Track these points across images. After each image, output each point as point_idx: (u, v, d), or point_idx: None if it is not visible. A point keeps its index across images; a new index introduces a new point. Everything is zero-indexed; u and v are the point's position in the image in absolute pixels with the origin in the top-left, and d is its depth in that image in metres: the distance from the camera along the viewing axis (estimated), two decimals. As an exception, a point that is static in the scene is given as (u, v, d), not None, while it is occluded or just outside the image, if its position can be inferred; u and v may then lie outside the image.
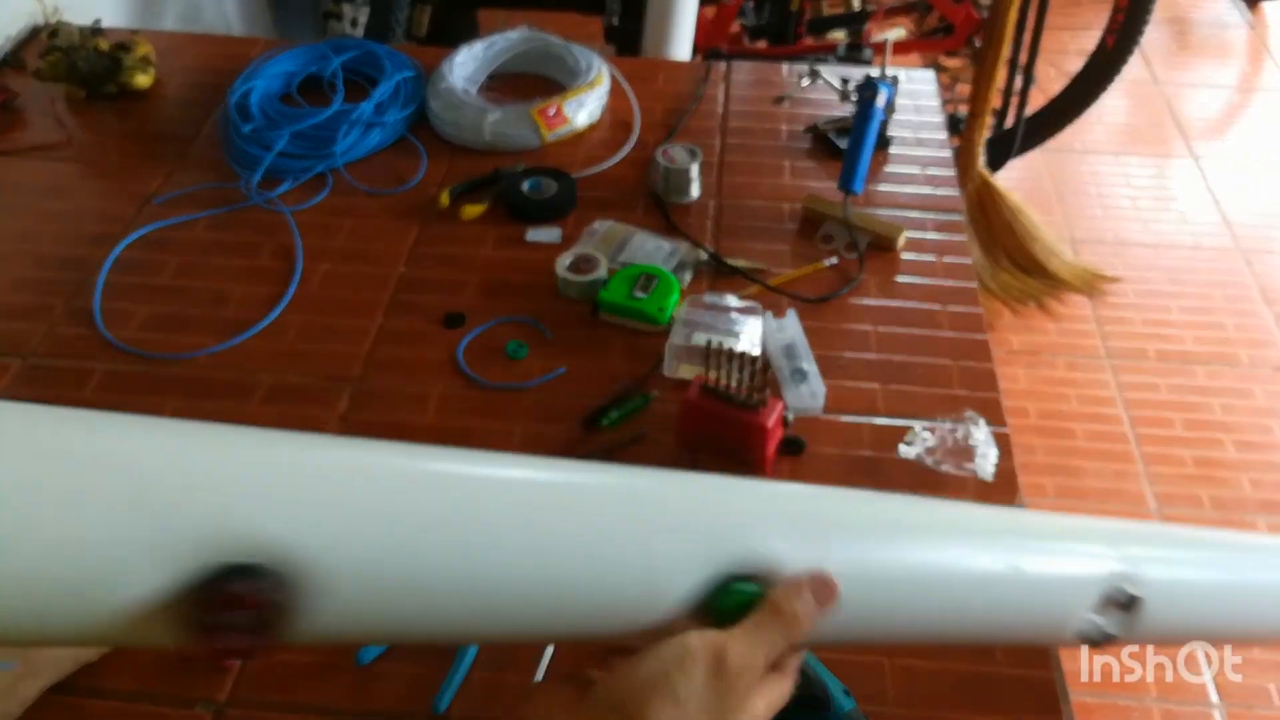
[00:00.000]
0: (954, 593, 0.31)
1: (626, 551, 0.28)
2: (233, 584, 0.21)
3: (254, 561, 0.22)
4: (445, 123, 0.92)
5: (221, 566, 0.21)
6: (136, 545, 0.21)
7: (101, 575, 0.21)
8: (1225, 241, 1.86)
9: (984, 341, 0.74)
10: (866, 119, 0.84)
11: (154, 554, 0.21)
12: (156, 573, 0.21)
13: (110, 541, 0.21)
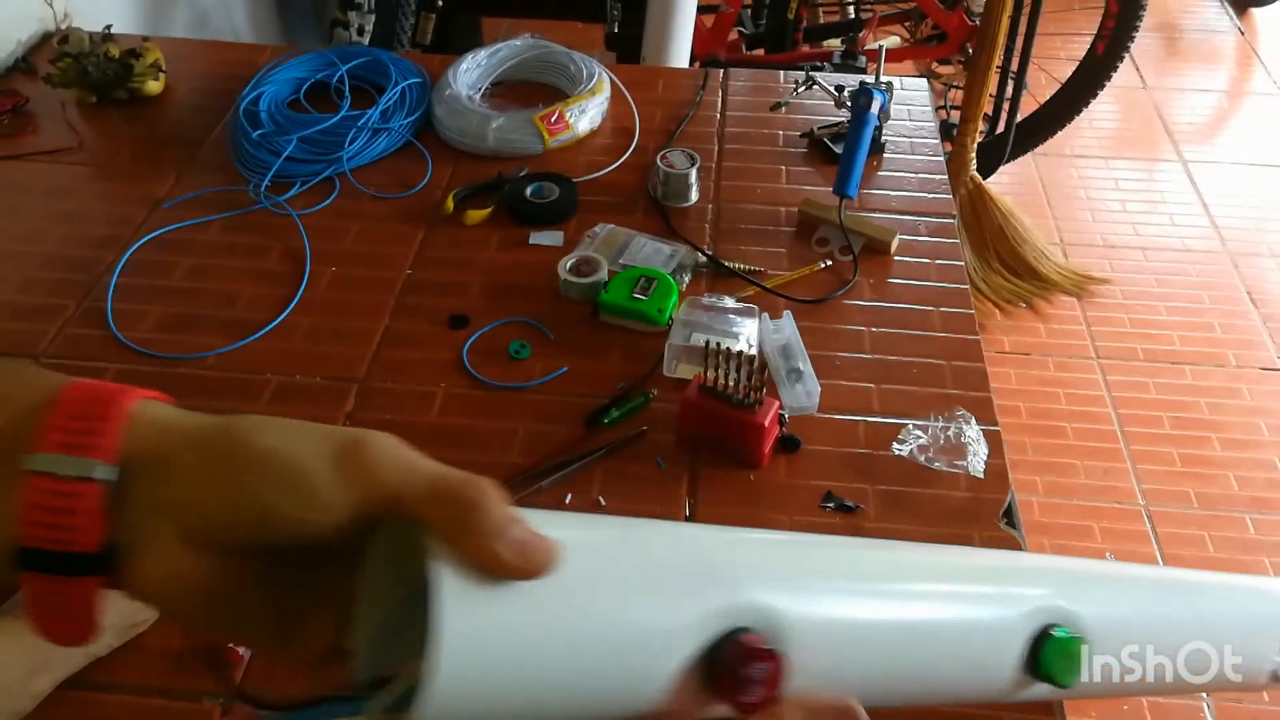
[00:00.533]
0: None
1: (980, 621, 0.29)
2: (745, 641, 0.24)
3: (747, 625, 0.25)
4: (450, 129, 0.94)
5: (729, 630, 0.24)
6: (683, 620, 0.24)
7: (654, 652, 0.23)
8: (1213, 244, 1.88)
9: (976, 342, 0.76)
10: (861, 125, 0.86)
11: (696, 626, 0.24)
12: (693, 642, 0.24)
13: (662, 621, 0.24)
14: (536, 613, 0.22)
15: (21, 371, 0.25)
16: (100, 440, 0.22)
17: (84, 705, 0.53)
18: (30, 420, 0.23)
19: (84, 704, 0.53)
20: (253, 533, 0.23)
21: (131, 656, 0.54)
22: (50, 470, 0.22)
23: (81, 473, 0.22)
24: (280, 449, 0.23)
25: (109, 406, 0.23)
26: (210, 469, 0.23)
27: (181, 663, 0.54)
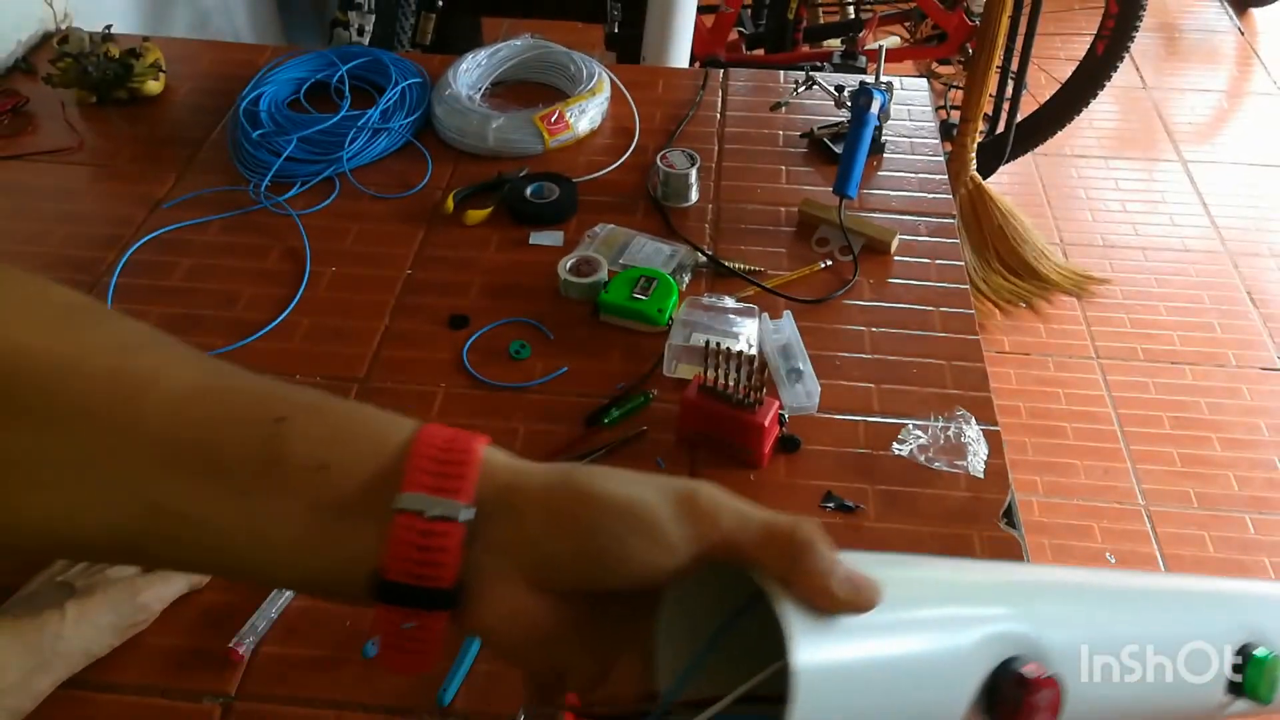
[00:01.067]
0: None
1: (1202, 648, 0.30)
2: (1028, 670, 0.25)
3: (1020, 654, 0.26)
4: (450, 129, 0.94)
5: (1006, 660, 0.26)
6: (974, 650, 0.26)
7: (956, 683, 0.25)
8: (1213, 244, 1.89)
9: (976, 342, 0.76)
10: (861, 125, 0.86)
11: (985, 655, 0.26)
12: (982, 671, 0.26)
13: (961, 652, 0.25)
14: (868, 647, 0.24)
15: (367, 412, 0.27)
16: (462, 484, 0.24)
17: (84, 705, 0.53)
18: (397, 461, 0.25)
19: (84, 704, 0.53)
20: (594, 575, 0.25)
21: (131, 656, 0.54)
22: (420, 510, 0.24)
23: (449, 513, 0.24)
24: (632, 497, 0.25)
25: (467, 453, 0.25)
26: (559, 515, 0.25)
27: (179, 662, 0.55)
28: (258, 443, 0.25)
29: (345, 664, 0.55)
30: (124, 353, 0.26)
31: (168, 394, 0.25)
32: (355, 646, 0.55)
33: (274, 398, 0.26)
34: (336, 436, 0.26)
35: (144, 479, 0.25)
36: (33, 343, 0.25)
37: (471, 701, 0.53)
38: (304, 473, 0.25)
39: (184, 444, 0.25)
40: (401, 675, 0.27)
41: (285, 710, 0.53)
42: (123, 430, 0.25)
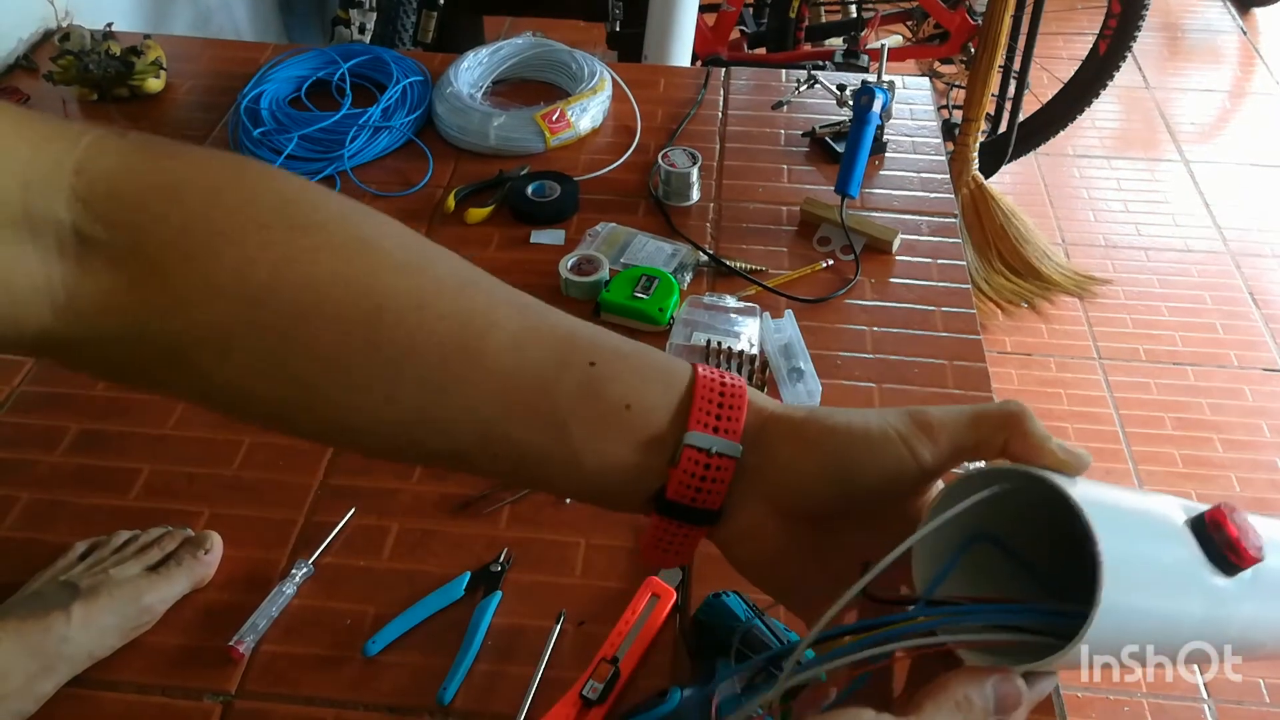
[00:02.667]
0: None
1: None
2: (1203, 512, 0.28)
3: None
4: (451, 127, 0.94)
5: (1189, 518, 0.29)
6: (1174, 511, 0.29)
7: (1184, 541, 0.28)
8: (1215, 244, 1.88)
9: (977, 342, 0.76)
10: (863, 124, 0.85)
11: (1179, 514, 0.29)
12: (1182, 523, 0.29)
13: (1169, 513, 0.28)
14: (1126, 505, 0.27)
15: (654, 356, 0.32)
16: (736, 425, 0.30)
17: (85, 704, 0.53)
18: (684, 403, 0.30)
19: (85, 702, 0.53)
20: (838, 493, 0.29)
21: (133, 656, 0.55)
22: (705, 448, 0.29)
23: (727, 451, 0.29)
24: (869, 423, 0.29)
25: (738, 398, 0.30)
26: (807, 444, 0.29)
27: (181, 661, 0.55)
28: (578, 384, 0.30)
29: (345, 663, 0.55)
30: (463, 291, 0.30)
31: (503, 337, 0.30)
32: (355, 645, 0.55)
33: (584, 342, 0.31)
34: (636, 379, 0.31)
35: (484, 408, 0.29)
36: (397, 283, 0.29)
37: (471, 701, 0.53)
38: (613, 411, 0.30)
39: (518, 382, 0.29)
40: (655, 567, 0.33)
41: (285, 709, 0.53)
42: (468, 365, 0.29)
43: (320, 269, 0.28)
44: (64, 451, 0.66)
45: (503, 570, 0.59)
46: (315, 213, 0.29)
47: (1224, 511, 0.28)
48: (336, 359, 0.28)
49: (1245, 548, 0.27)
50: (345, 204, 0.30)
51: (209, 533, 0.59)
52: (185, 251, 0.27)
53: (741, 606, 0.52)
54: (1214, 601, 0.28)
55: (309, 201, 0.29)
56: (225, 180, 0.29)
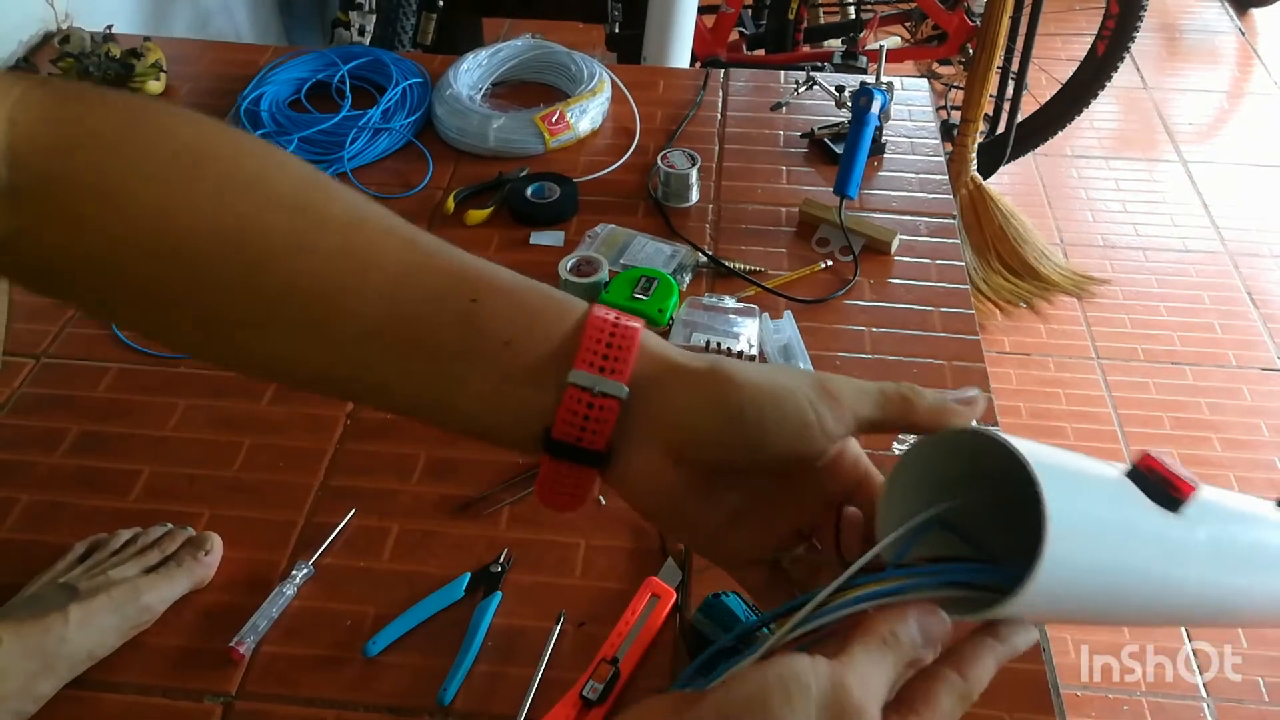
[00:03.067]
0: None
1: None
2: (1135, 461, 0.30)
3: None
4: (451, 129, 0.94)
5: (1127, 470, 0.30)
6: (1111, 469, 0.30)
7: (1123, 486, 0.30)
8: (1214, 245, 1.89)
9: (976, 342, 0.76)
10: (862, 125, 0.86)
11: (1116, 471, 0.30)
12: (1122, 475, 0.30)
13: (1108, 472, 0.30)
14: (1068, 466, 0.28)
15: (545, 292, 0.32)
16: (623, 366, 0.29)
17: (85, 705, 0.53)
18: (571, 341, 0.30)
19: (85, 704, 0.53)
20: (740, 453, 0.30)
21: (133, 657, 0.55)
22: (588, 386, 0.29)
23: (612, 392, 0.29)
24: (776, 383, 0.29)
25: (629, 339, 0.30)
26: (706, 397, 0.29)
27: (181, 662, 0.55)
28: (455, 320, 0.30)
29: (345, 664, 0.55)
30: (350, 228, 0.31)
31: (387, 270, 0.30)
32: (355, 646, 0.55)
33: (470, 278, 0.31)
34: (520, 316, 0.31)
35: (364, 344, 0.30)
36: (281, 222, 0.30)
37: (472, 702, 0.53)
38: (493, 347, 0.30)
39: (397, 318, 0.30)
40: (556, 511, 0.32)
41: (286, 710, 0.53)
42: (347, 303, 0.30)
43: (208, 214, 0.29)
44: (64, 453, 0.66)
45: (503, 571, 0.59)
46: (206, 158, 0.30)
47: (1153, 456, 0.29)
48: (219, 302, 0.30)
49: (1182, 481, 0.29)
50: (241, 142, 0.31)
51: (209, 533, 0.59)
52: (85, 201, 0.29)
53: (741, 607, 0.52)
54: (1167, 538, 0.29)
55: (203, 144, 0.30)
56: (127, 131, 0.30)
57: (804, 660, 0.25)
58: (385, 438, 0.68)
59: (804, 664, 0.25)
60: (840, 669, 0.25)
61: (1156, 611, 0.30)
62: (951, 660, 0.28)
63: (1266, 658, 1.20)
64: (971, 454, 0.29)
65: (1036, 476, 0.25)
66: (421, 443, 0.67)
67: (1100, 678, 1.09)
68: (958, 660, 0.28)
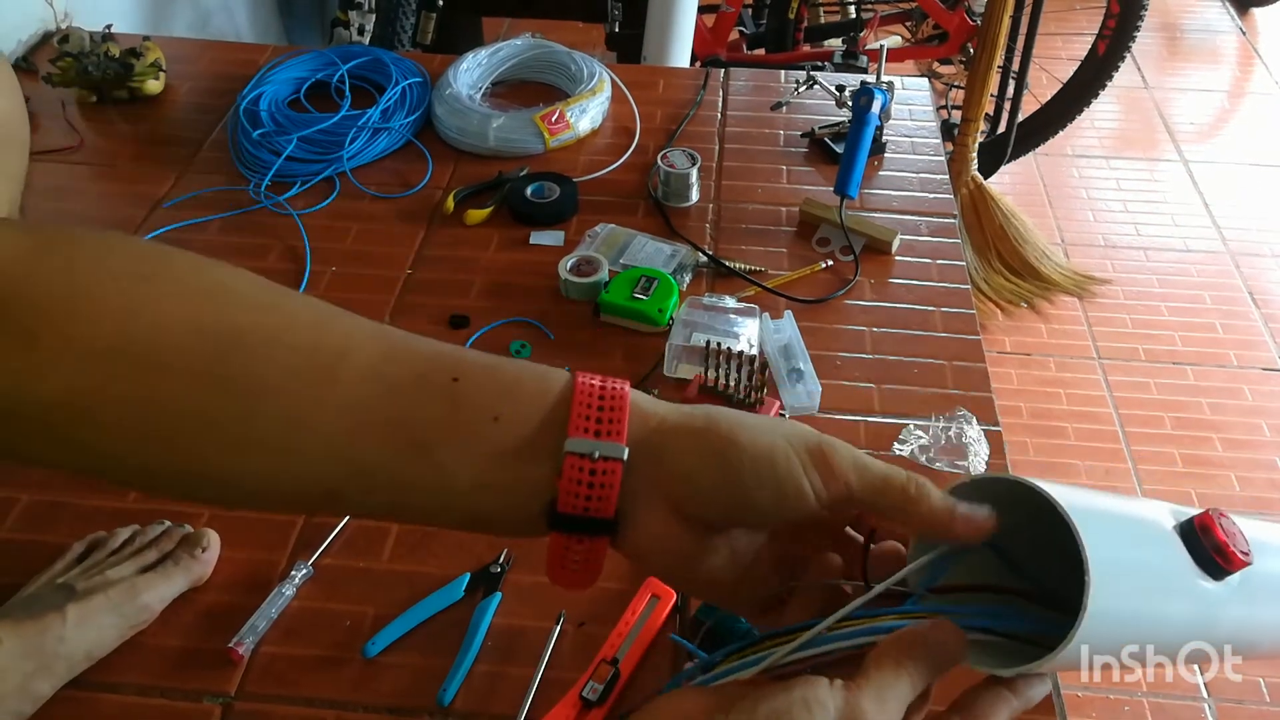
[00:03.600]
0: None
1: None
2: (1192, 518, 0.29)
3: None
4: (450, 128, 0.94)
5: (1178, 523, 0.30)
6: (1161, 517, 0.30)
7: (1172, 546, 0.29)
8: (1215, 244, 1.88)
9: (977, 342, 0.76)
10: (862, 124, 0.85)
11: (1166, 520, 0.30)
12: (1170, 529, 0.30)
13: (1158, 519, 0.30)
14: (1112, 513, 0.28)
15: (527, 367, 0.30)
16: (619, 427, 0.29)
17: (84, 705, 0.53)
18: (561, 409, 0.29)
19: (84, 704, 0.53)
20: (732, 514, 0.30)
21: (132, 656, 0.55)
22: (588, 452, 0.28)
23: (613, 454, 0.28)
24: (772, 446, 0.29)
25: (619, 399, 0.29)
26: (704, 454, 0.29)
27: (180, 663, 0.55)
28: (438, 401, 0.29)
29: (345, 664, 0.55)
30: (319, 325, 0.30)
31: (360, 362, 0.29)
32: (355, 646, 0.55)
33: (448, 360, 0.30)
34: (505, 390, 0.29)
35: (344, 438, 0.28)
36: (248, 320, 0.29)
37: (471, 703, 0.53)
38: (480, 424, 0.29)
39: (375, 405, 0.29)
40: (567, 590, 0.31)
41: (285, 710, 0.53)
42: (323, 395, 0.28)
43: (169, 314, 0.28)
44: (63, 453, 0.66)
45: (502, 571, 0.59)
46: (165, 263, 0.29)
47: (1212, 517, 0.28)
48: (191, 403, 0.28)
49: (1233, 552, 0.28)
50: (193, 256, 0.30)
51: (206, 530, 0.59)
52: (48, 313, 0.27)
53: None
54: (1202, 605, 0.28)
55: (160, 254, 0.29)
56: (85, 247, 0.29)
57: (824, 684, 0.26)
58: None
59: (824, 687, 0.26)
60: (857, 694, 0.26)
61: (1166, 657, 0.30)
62: (966, 713, 0.28)
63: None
64: (1017, 493, 0.29)
65: (1085, 549, 0.25)
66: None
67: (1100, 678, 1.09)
68: (971, 714, 0.28)
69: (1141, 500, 0.30)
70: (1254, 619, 0.30)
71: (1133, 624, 0.27)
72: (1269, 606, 0.31)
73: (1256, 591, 0.30)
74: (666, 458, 0.29)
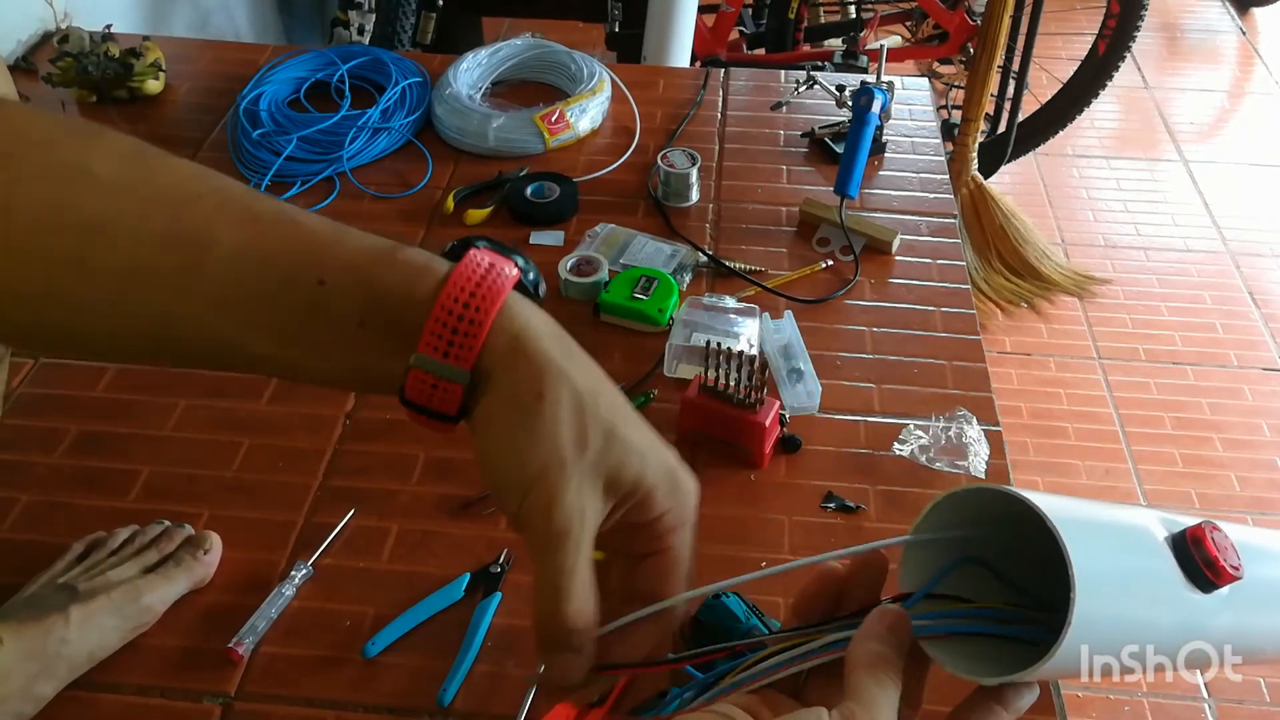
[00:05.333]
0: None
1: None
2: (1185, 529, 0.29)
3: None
4: (450, 128, 0.94)
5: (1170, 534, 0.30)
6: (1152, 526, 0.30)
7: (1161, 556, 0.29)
8: (1215, 244, 1.88)
9: (977, 342, 0.76)
10: (862, 124, 0.85)
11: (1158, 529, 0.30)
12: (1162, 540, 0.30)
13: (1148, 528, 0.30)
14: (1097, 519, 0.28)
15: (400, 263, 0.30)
16: (470, 353, 0.30)
17: (85, 705, 0.53)
18: (420, 319, 0.29)
19: (85, 704, 0.53)
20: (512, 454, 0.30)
21: (133, 658, 0.55)
22: (430, 370, 0.30)
23: (454, 378, 0.30)
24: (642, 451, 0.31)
25: (478, 326, 0.30)
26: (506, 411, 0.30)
27: (180, 663, 0.55)
28: (304, 305, 0.30)
29: (345, 664, 0.55)
30: (180, 209, 0.30)
31: (224, 252, 0.29)
32: (355, 647, 0.55)
33: (315, 254, 0.30)
34: (371, 295, 0.30)
35: (211, 326, 0.30)
36: (106, 208, 0.29)
37: (471, 703, 0.53)
38: (343, 328, 0.30)
39: (241, 301, 0.29)
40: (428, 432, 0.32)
41: (285, 710, 0.53)
42: (188, 284, 0.29)
43: (22, 200, 0.28)
44: (63, 453, 0.66)
45: (502, 571, 0.59)
46: (12, 143, 0.29)
47: (1204, 530, 0.28)
48: (52, 287, 0.29)
49: (1224, 566, 0.28)
50: (49, 128, 0.30)
51: (208, 532, 0.59)
52: None
53: (741, 607, 0.52)
54: (1190, 615, 0.28)
55: (12, 128, 0.29)
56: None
57: (822, 711, 0.26)
58: (384, 438, 0.67)
59: (822, 713, 0.26)
60: (856, 711, 0.26)
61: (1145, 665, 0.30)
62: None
63: (1267, 658, 1.20)
64: (1004, 504, 0.29)
65: (1070, 560, 0.25)
66: (421, 443, 0.66)
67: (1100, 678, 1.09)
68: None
69: (1133, 509, 0.30)
70: (1243, 628, 0.30)
71: (1120, 633, 0.27)
72: (1258, 616, 0.31)
73: (1246, 602, 0.30)
74: (501, 397, 0.30)
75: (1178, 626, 0.29)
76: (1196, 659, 0.30)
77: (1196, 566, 0.28)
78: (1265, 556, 0.31)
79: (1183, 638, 0.29)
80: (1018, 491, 0.27)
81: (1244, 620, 0.30)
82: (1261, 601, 0.31)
